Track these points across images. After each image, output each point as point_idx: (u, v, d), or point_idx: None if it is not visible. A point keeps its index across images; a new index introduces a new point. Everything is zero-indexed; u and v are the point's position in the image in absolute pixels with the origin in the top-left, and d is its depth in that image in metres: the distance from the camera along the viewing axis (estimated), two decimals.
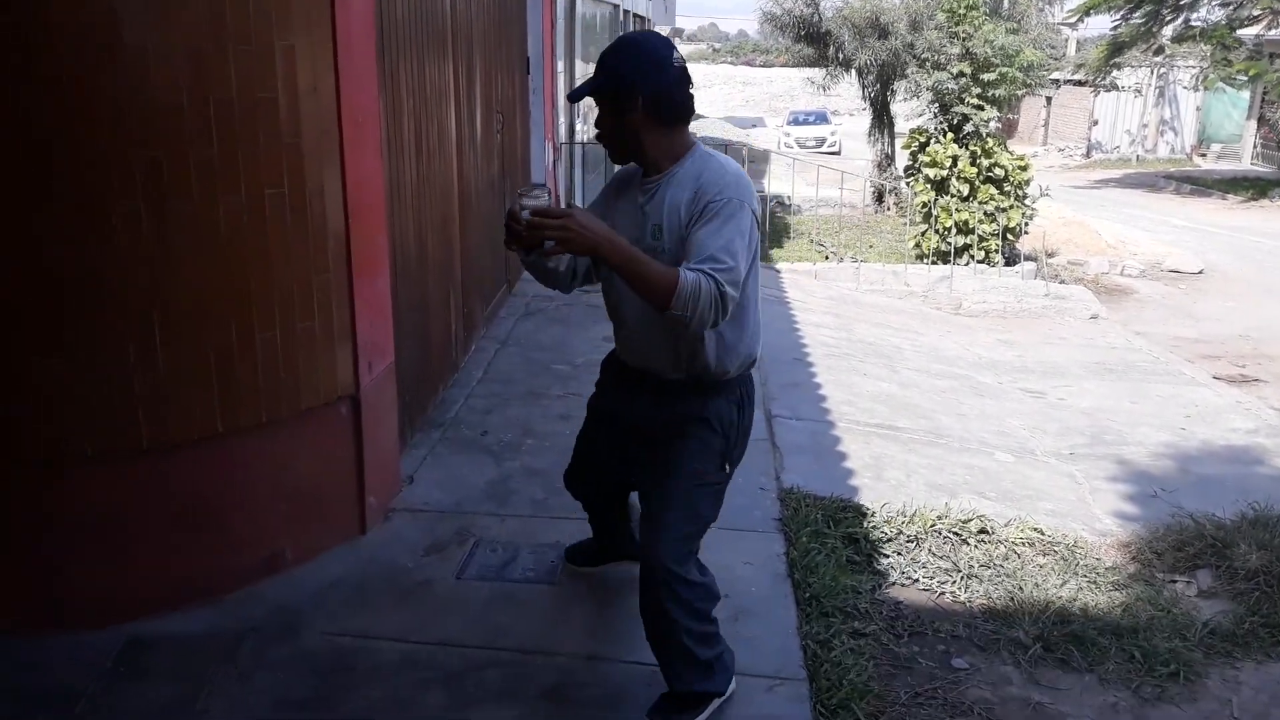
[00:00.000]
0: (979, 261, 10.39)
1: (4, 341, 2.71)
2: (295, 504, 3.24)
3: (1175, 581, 3.85)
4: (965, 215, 10.44)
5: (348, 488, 3.41)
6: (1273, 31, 22.06)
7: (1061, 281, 10.59)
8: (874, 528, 3.89)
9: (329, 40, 3.12)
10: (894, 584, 3.56)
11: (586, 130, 9.77)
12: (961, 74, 11.02)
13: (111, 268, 2.73)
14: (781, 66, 18.65)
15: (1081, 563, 3.85)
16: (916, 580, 3.59)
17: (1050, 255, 12.17)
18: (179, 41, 2.73)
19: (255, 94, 2.91)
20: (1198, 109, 29.65)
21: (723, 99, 44.65)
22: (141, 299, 2.79)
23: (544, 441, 4.32)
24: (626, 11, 14.04)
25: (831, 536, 3.72)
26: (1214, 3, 21.35)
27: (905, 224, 11.95)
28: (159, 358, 2.84)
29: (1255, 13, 20.36)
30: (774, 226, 12.00)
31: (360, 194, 3.33)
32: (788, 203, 14.39)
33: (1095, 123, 30.37)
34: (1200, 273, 12.60)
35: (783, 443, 4.62)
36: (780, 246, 11.68)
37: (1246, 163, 26.37)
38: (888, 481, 4.40)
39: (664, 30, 21.80)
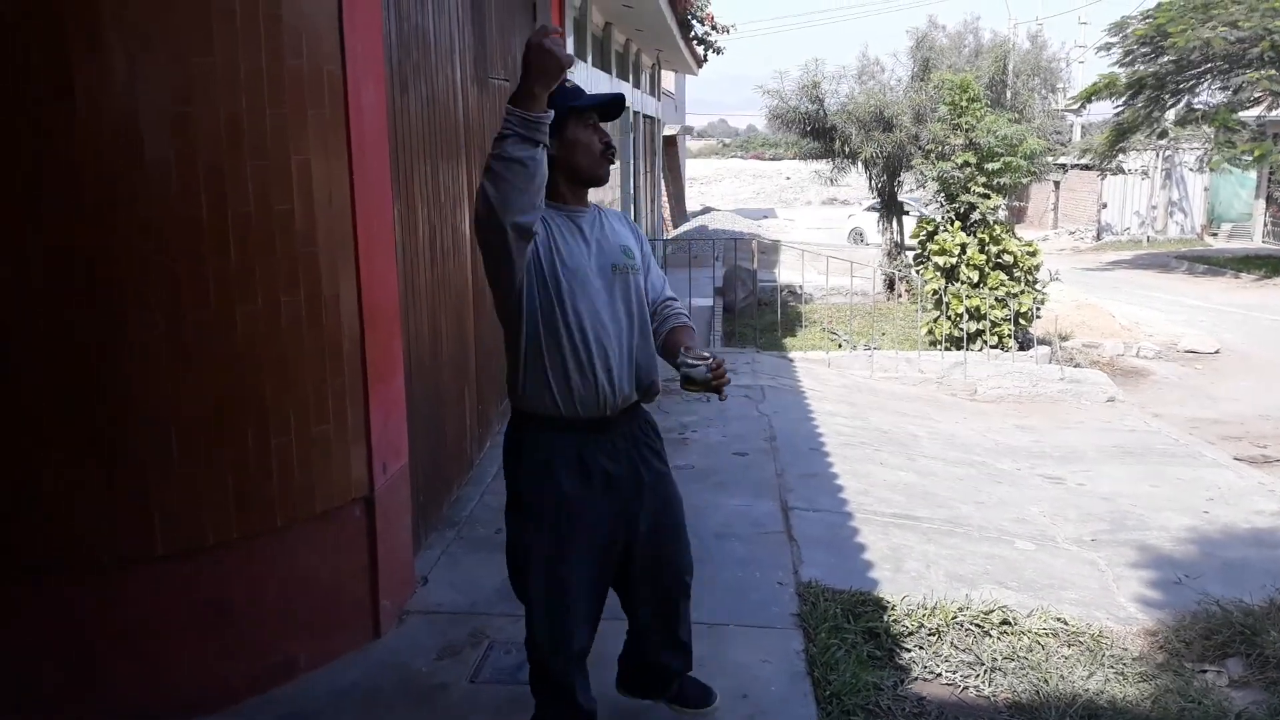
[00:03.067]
0: (992, 347, 10.41)
1: (22, 448, 2.75)
2: (309, 608, 3.24)
3: (1205, 671, 3.76)
4: (976, 301, 10.50)
5: (362, 590, 3.41)
6: (1274, 112, 22.36)
7: (1076, 365, 10.58)
8: (894, 621, 3.84)
9: (344, 152, 3.23)
10: (916, 679, 3.50)
11: None
12: (966, 164, 11.19)
13: (129, 376, 2.79)
14: (790, 159, 19.11)
15: (1108, 653, 3.78)
16: (939, 675, 3.52)
17: (1064, 339, 12.18)
18: (198, 156, 2.84)
19: (272, 206, 3.01)
20: (1205, 189, 29.91)
21: (733, 191, 45.40)
22: (158, 406, 2.84)
23: None
24: (636, 112, 14.42)
25: (851, 631, 3.67)
26: (1214, 86, 21.70)
27: (917, 311, 12.01)
28: (175, 465, 2.87)
29: (1256, 95, 20.66)
30: (786, 315, 12.07)
31: (375, 299, 3.41)
32: (799, 291, 14.52)
33: (1104, 205, 30.62)
34: (1217, 353, 12.56)
35: (800, 535, 4.59)
36: (793, 335, 11.73)
37: (1258, 241, 26.47)
38: (907, 573, 4.35)
39: (674, 128, 22.32)
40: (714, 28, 12.96)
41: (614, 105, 2.54)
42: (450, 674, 3.29)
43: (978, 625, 3.87)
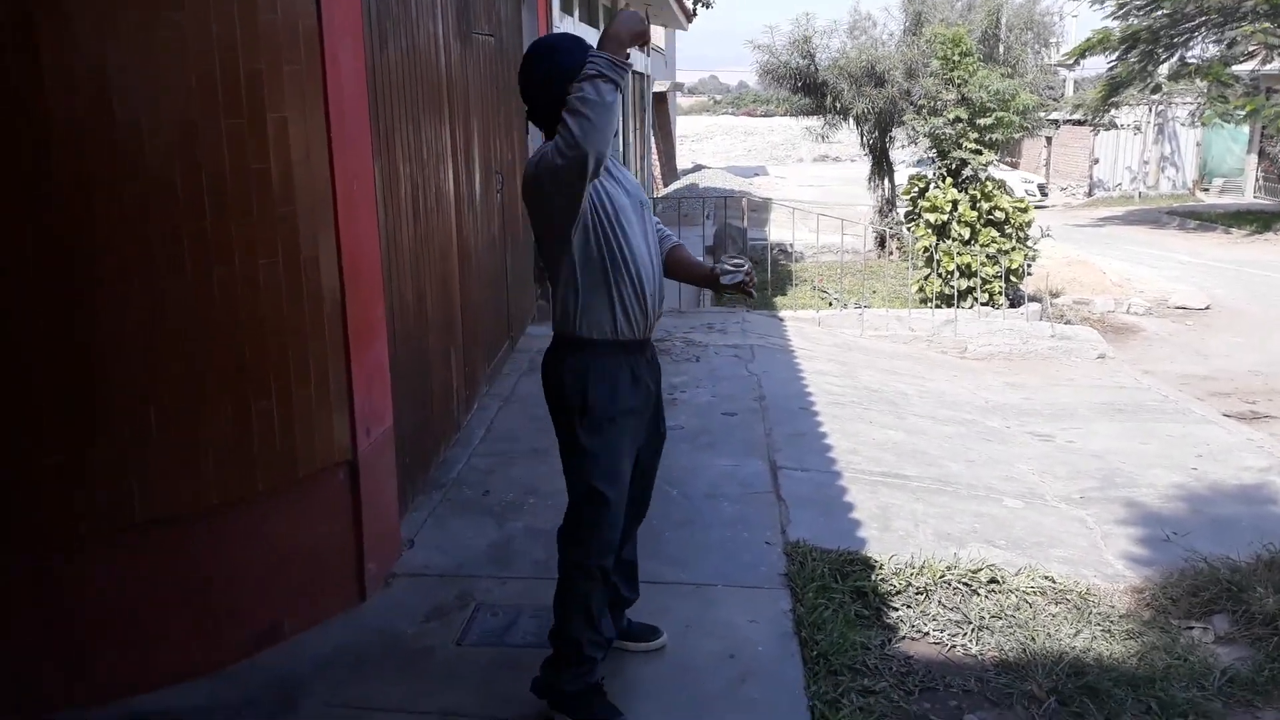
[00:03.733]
0: (983, 304, 10.38)
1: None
2: (294, 573, 3.22)
3: (1191, 628, 3.77)
4: (967, 259, 10.46)
5: (347, 554, 3.39)
6: (1268, 66, 22.22)
7: (1067, 322, 10.57)
8: (882, 580, 3.84)
9: (320, 110, 3.16)
10: (904, 638, 3.50)
11: None
12: (958, 119, 11.10)
13: (105, 344, 2.74)
14: (781, 116, 18.89)
15: (1095, 611, 3.79)
16: (927, 633, 3.53)
17: (1055, 295, 12.16)
18: (170, 116, 2.76)
19: (248, 166, 2.94)
20: (1198, 145, 29.77)
21: (725, 149, 45.04)
22: (136, 374, 2.79)
23: (546, 500, 4.29)
24: None
25: (839, 591, 3.67)
26: (1208, 40, 21.52)
27: (908, 269, 11.98)
28: (153, 432, 2.83)
29: (1250, 49, 20.51)
30: (776, 274, 12.03)
31: (355, 260, 3.35)
32: (790, 250, 14.45)
33: (1096, 161, 30.49)
34: (1207, 308, 12.57)
35: (788, 495, 4.58)
36: (783, 294, 11.69)
37: (1249, 196, 26.42)
38: (895, 532, 4.35)
39: (664, 85, 22.07)
40: None
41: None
42: (437, 636, 3.28)
43: (965, 584, 3.87)
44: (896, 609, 3.67)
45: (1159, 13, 20.59)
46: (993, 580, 3.91)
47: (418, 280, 4.30)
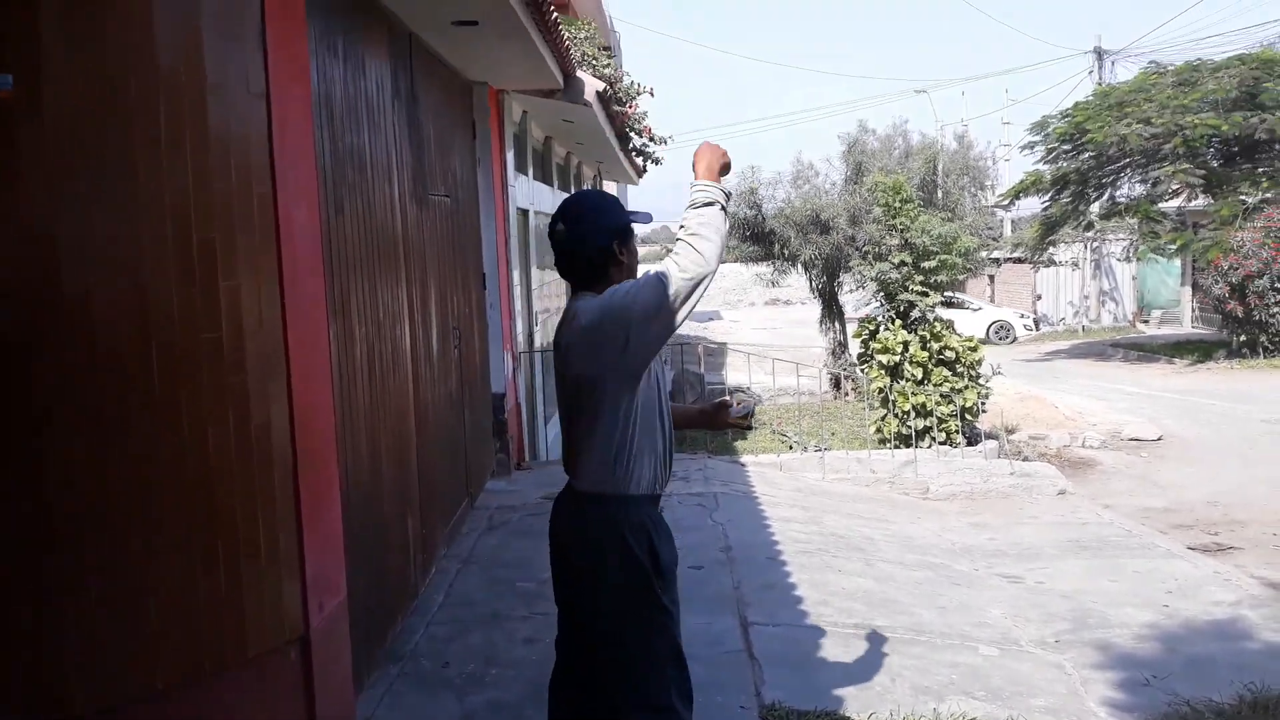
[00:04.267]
0: (941, 443, 10.43)
1: None
2: None
3: None
4: (922, 398, 10.57)
5: None
6: (1192, 203, 23.31)
7: (1025, 458, 10.63)
8: None
9: (275, 276, 3.13)
10: None
11: (544, 337, 9.90)
12: (903, 263, 11.40)
13: (43, 514, 2.61)
14: (732, 263, 19.40)
15: None
16: None
17: (1010, 432, 12.27)
18: (120, 285, 2.71)
19: (199, 334, 2.88)
20: (1134, 278, 30.94)
21: None
22: (74, 545, 2.65)
23: (508, 670, 4.10)
24: None
25: None
26: (1134, 179, 22.61)
27: (865, 409, 12.07)
28: (91, 610, 2.67)
29: (1174, 187, 21.55)
30: None
31: (308, 426, 3.27)
32: (747, 393, 14.53)
33: (1039, 297, 31.48)
34: (1159, 439, 12.74)
35: (761, 653, 4.43)
36: (744, 438, 11.67)
37: (1188, 326, 27.27)
38: (872, 688, 4.20)
39: None
40: (652, 139, 13.17)
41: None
42: None
43: None
44: None
45: (1085, 155, 21.64)
46: None
47: (373, 443, 4.22)
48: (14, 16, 2.55)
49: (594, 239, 2.62)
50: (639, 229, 2.76)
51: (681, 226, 2.50)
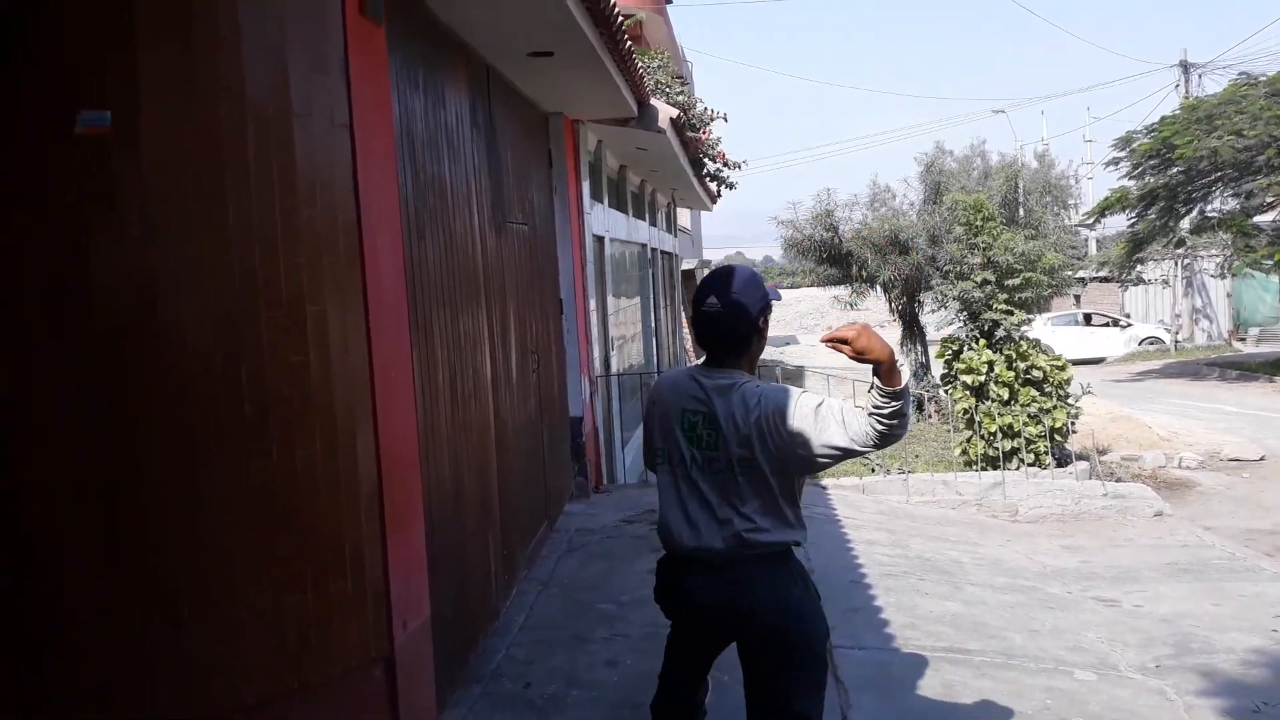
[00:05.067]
0: (1029, 465, 10.16)
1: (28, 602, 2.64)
2: None
3: None
4: (1009, 419, 10.32)
5: None
6: None
7: (1118, 480, 10.29)
8: None
9: (360, 302, 3.21)
10: None
11: (620, 362, 9.93)
12: (986, 281, 11.19)
13: (140, 534, 2.69)
14: (809, 287, 19.21)
15: None
16: None
17: (1102, 453, 11.91)
18: (211, 311, 2.81)
19: (288, 359, 2.96)
20: (1228, 295, 29.84)
21: None
22: (170, 564, 2.73)
23: (590, 692, 4.09)
24: (654, 249, 14.62)
25: None
26: (1227, 193, 21.87)
27: (949, 431, 11.82)
28: (185, 627, 2.75)
29: (1269, 200, 20.79)
30: None
31: (393, 448, 3.33)
32: None
33: (1127, 316, 30.57)
34: (1262, 459, 12.23)
35: (846, 677, 4.34)
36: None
37: None
38: (963, 713, 4.08)
39: (692, 263, 22.65)
40: (726, 164, 13.21)
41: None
42: None
43: None
44: None
45: (1174, 170, 21.02)
46: None
47: (455, 465, 4.27)
48: (112, 55, 2.67)
49: (746, 313, 2.74)
50: (715, 254, 2.88)
51: (872, 414, 2.60)
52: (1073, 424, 10.85)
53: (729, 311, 2.73)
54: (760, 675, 2.74)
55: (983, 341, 11.06)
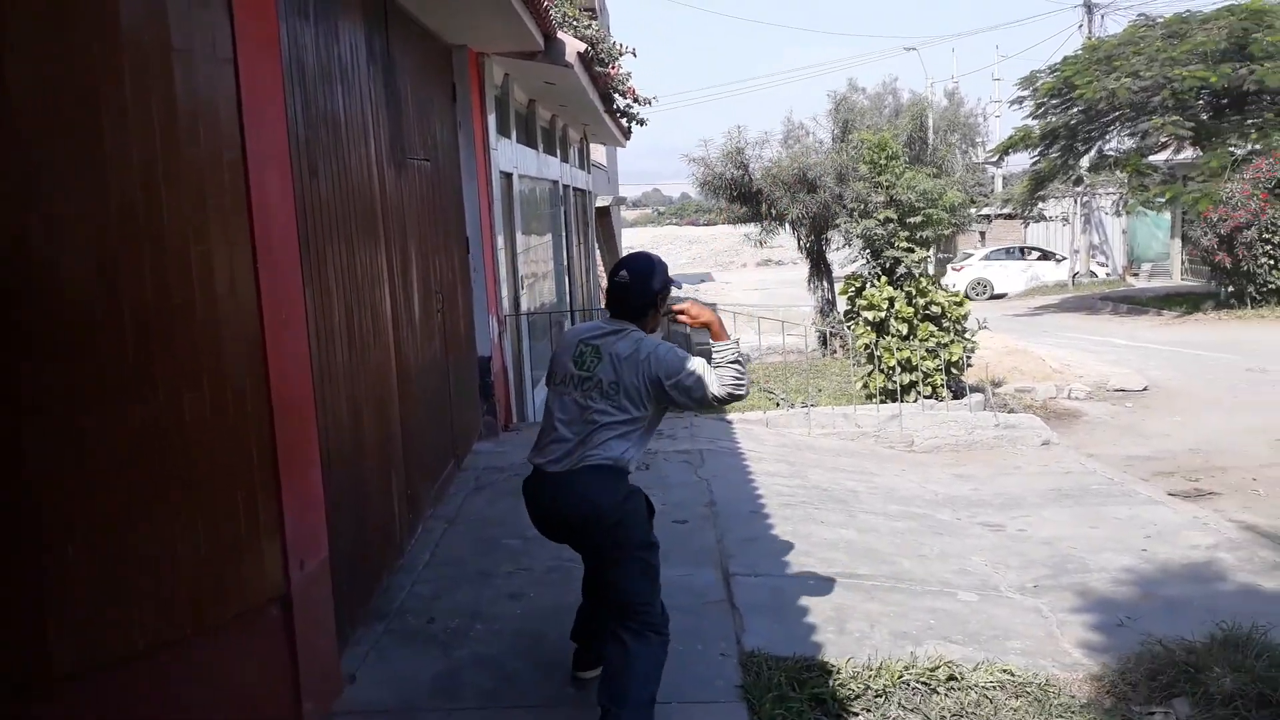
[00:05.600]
0: (926, 397, 10.50)
1: None
2: (226, 717, 3.07)
3: (1153, 713, 3.74)
4: (907, 353, 10.63)
5: (282, 695, 3.25)
6: (1180, 155, 23.29)
7: (1010, 410, 10.70)
8: (840, 685, 3.77)
9: (247, 241, 3.16)
10: None
11: (531, 301, 9.91)
12: (888, 220, 11.41)
13: (21, 482, 2.65)
14: (723, 224, 19.35)
15: (1055, 702, 3.74)
16: None
17: (997, 385, 12.35)
18: (90, 253, 2.74)
19: (171, 299, 2.91)
20: (1123, 232, 30.98)
21: (670, 258, 45.70)
22: (53, 513, 2.69)
23: (493, 625, 4.18)
24: (566, 186, 14.50)
25: (796, 700, 3.59)
26: (1123, 133, 22.57)
27: (851, 366, 12.12)
28: (73, 575, 2.72)
29: (1163, 140, 21.52)
30: None
31: (285, 389, 3.31)
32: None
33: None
34: (1145, 390, 12.83)
35: (742, 602, 4.51)
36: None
37: (1177, 279, 27.34)
38: (851, 634, 4.28)
39: (607, 199, 22.53)
40: (636, 100, 13.11)
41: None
42: None
43: (924, 683, 3.81)
44: (856, 714, 3.60)
45: (1074, 110, 21.58)
46: (951, 677, 3.86)
47: (354, 405, 4.26)
48: None
49: (649, 288, 3.38)
50: (631, 191, 3.14)
51: (717, 365, 3.37)
52: (969, 358, 11.21)
53: (635, 285, 3.37)
54: (597, 566, 3.45)
55: (884, 279, 11.31)
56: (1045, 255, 29.51)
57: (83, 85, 2.71)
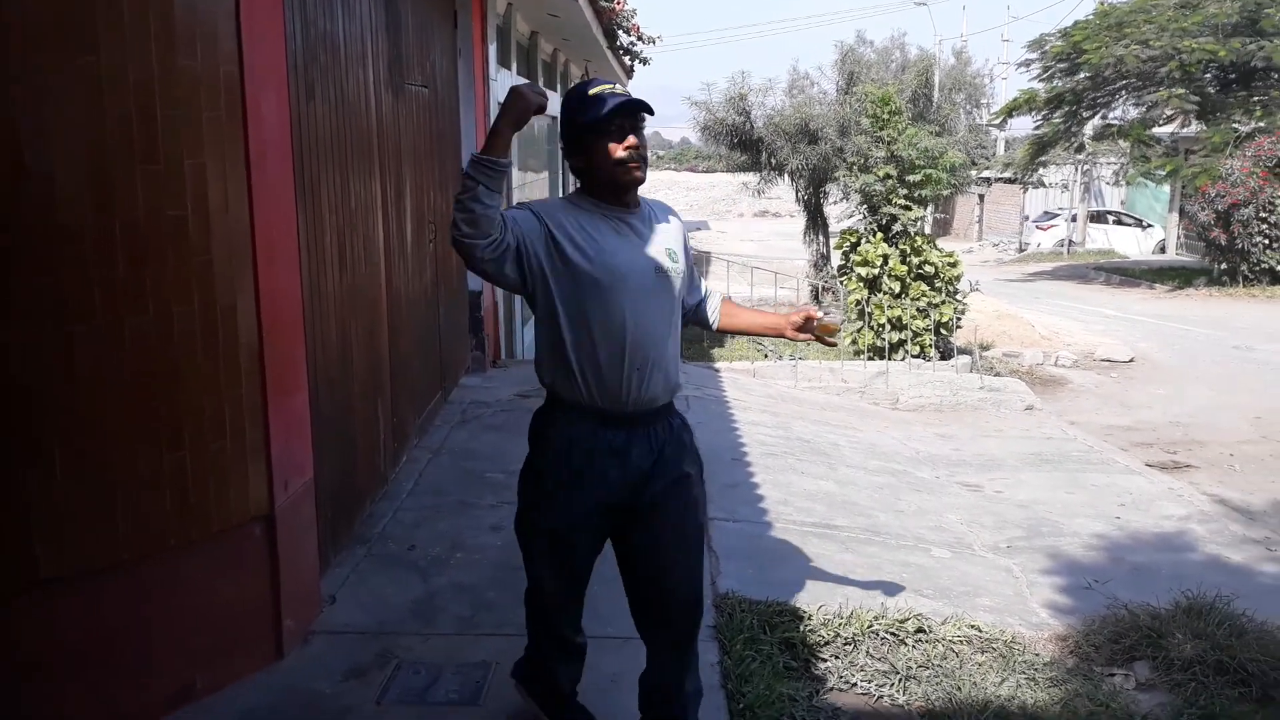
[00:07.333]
0: (914, 356, 10.55)
1: None
2: (207, 631, 3.11)
3: (1113, 675, 3.81)
4: (898, 312, 10.66)
5: (263, 611, 3.29)
6: (1185, 129, 23.18)
7: (997, 374, 10.77)
8: (811, 631, 3.83)
9: (241, 158, 3.12)
10: (831, 689, 3.48)
11: None
12: (888, 176, 11.36)
13: (7, 391, 2.65)
14: (723, 172, 19.22)
15: (1019, 659, 3.81)
16: (854, 684, 3.52)
17: (985, 348, 12.41)
18: (83, 163, 2.71)
19: (164, 213, 2.89)
20: (1122, 202, 30.91)
21: (669, 203, 45.54)
22: (41, 422, 2.70)
23: (473, 555, 4.22)
24: None
25: (767, 643, 3.65)
26: (1129, 103, 22.42)
27: (843, 322, 12.15)
28: (58, 484, 2.74)
29: (1168, 112, 21.40)
30: None
31: (275, 310, 3.30)
32: None
33: (1027, 218, 31.41)
34: (1131, 361, 12.91)
35: (719, 546, 4.57)
36: (721, 346, 11.77)
37: (1172, 253, 27.38)
38: (824, 583, 4.35)
39: None
40: (640, 38, 12.94)
41: (630, 107, 2.53)
42: (356, 696, 3.19)
43: (893, 634, 3.87)
44: (825, 660, 3.66)
45: (1081, 75, 21.40)
46: (920, 630, 3.92)
47: (343, 331, 4.25)
48: None
49: (565, 130, 2.70)
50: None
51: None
52: (959, 319, 11.26)
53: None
54: None
55: (880, 235, 11.30)
56: (1120, 220, 29.48)
57: None
